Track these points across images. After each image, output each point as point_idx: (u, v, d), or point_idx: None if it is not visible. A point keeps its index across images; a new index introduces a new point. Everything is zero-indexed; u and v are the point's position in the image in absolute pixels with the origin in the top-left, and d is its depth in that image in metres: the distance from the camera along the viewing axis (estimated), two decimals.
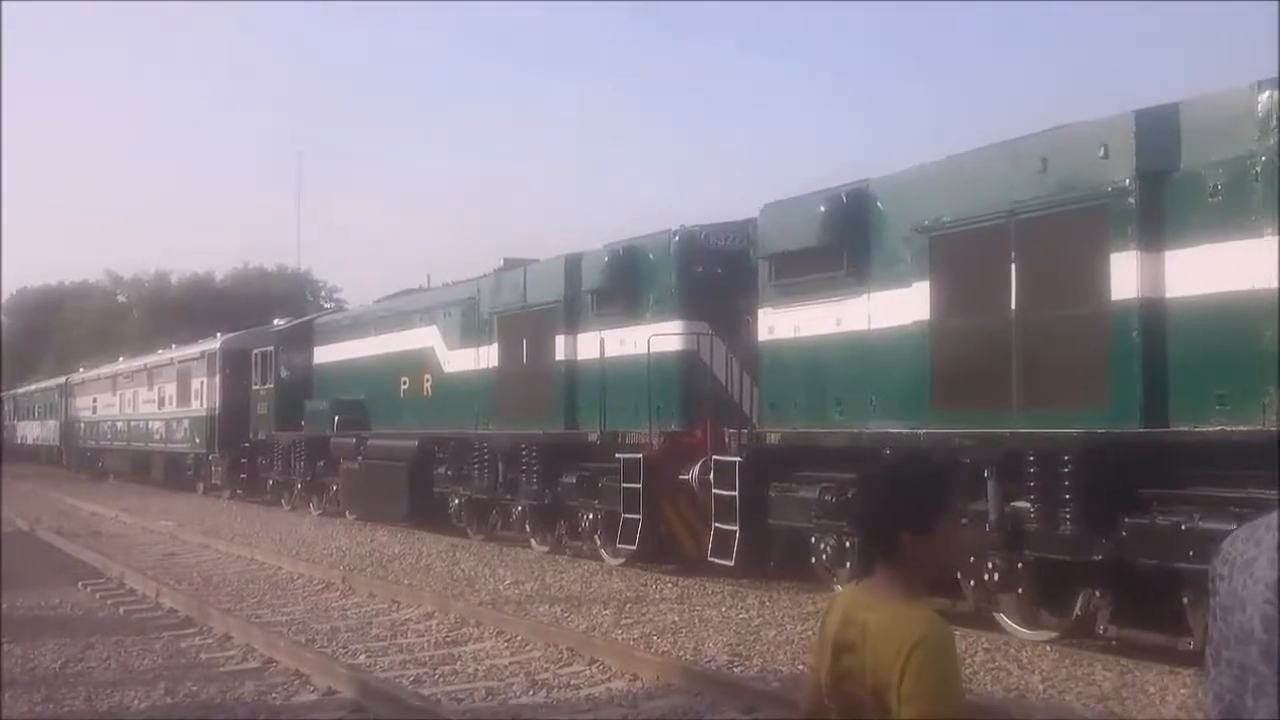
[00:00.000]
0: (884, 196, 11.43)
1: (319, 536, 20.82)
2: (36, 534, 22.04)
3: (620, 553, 15.35)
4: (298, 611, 12.53)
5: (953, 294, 10.47)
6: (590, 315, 16.17)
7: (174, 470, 35.26)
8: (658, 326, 14.60)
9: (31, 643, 10.62)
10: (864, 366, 11.48)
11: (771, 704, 7.77)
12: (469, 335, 19.52)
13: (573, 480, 16.11)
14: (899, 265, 11.08)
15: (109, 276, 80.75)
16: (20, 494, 32.94)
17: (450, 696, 8.49)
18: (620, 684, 8.76)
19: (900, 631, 2.47)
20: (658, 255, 15.02)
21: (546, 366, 17.03)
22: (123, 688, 8.87)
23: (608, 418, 15.34)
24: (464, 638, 10.73)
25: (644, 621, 11.33)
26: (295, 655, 9.63)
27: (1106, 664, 8.96)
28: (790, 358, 12.45)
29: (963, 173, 10.56)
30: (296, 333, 27.58)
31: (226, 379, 30.16)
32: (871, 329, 11.39)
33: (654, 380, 14.50)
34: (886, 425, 11.07)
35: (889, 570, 2.62)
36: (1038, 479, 9.42)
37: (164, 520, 23.99)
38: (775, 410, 12.61)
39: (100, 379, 45.87)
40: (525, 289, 17.79)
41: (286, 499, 27.46)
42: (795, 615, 11.50)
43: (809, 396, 12.21)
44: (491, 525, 19.17)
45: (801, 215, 12.09)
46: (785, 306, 12.47)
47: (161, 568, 16.54)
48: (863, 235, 11.51)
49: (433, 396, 20.88)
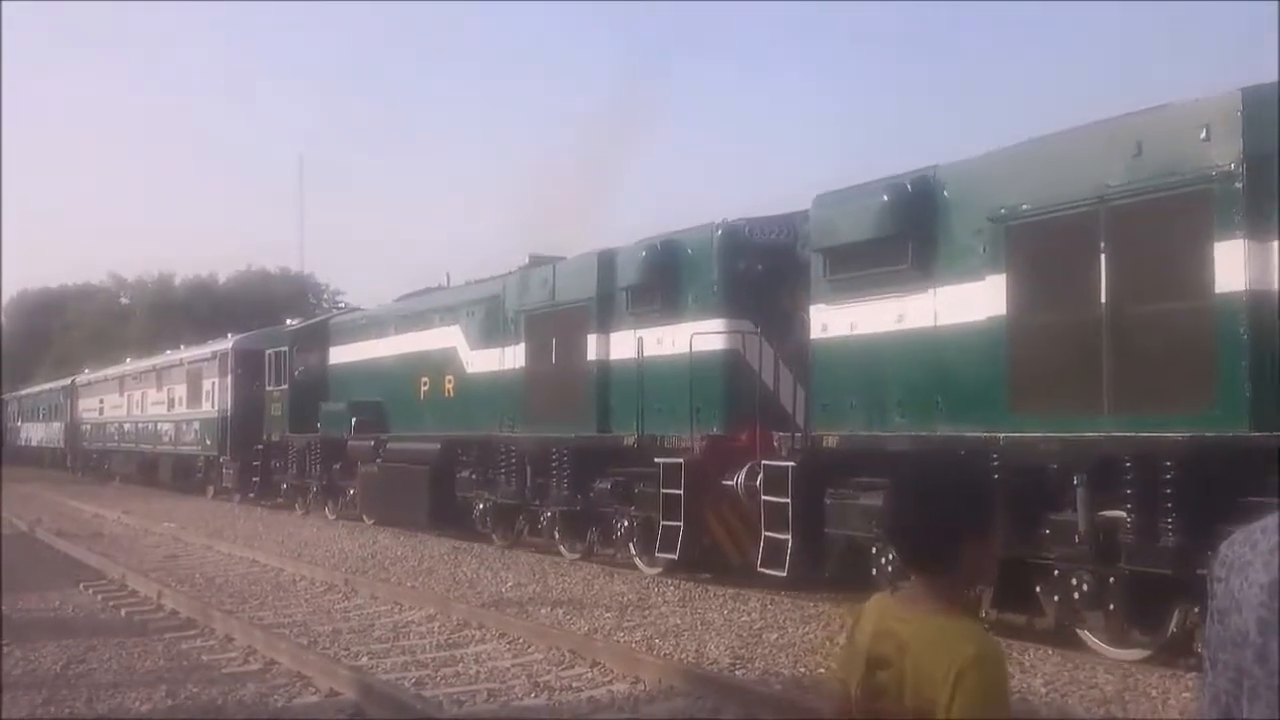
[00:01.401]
0: (952, 184, 10.71)
1: (321, 539, 20.64)
2: (37, 535, 21.85)
3: (657, 561, 14.65)
4: (300, 613, 12.47)
5: (1034, 287, 9.75)
6: (624, 314, 15.46)
7: (183, 473, 34.58)
8: (699, 325, 13.89)
9: (32, 644, 10.56)
10: (929, 366, 10.77)
11: (773, 707, 7.74)
12: (493, 335, 18.83)
13: (607, 486, 15.39)
14: (970, 257, 10.36)
15: (112, 278, 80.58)
16: (22, 495, 32.95)
17: (452, 698, 8.48)
18: (622, 686, 8.75)
19: (949, 648, 2.33)
20: (699, 250, 14.30)
21: (577, 367, 16.33)
22: (124, 689, 8.84)
23: (645, 421, 14.61)
24: (466, 640, 10.70)
25: (646, 624, 11.30)
26: (297, 657, 9.62)
27: (1108, 667, 8.87)
28: (846, 357, 11.73)
29: (1044, 157, 9.84)
30: (311, 332, 26.88)
31: (239, 380, 29.49)
32: (938, 326, 10.68)
33: (695, 381, 13.79)
34: (957, 428, 10.35)
35: (930, 581, 2.49)
36: (1135, 487, 8.69)
37: (166, 522, 23.83)
38: (829, 413, 11.89)
39: (107, 380, 45.20)
40: (554, 287, 17.08)
41: (301, 503, 26.75)
42: (797, 618, 11.44)
43: (867, 398, 11.49)
44: (518, 531, 18.46)
45: (860, 205, 11.38)
46: (840, 302, 11.75)
47: (163, 569, 16.43)
48: (928, 226, 10.79)
49: (455, 398, 20.18)
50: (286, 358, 26.41)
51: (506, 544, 18.52)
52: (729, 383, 13.76)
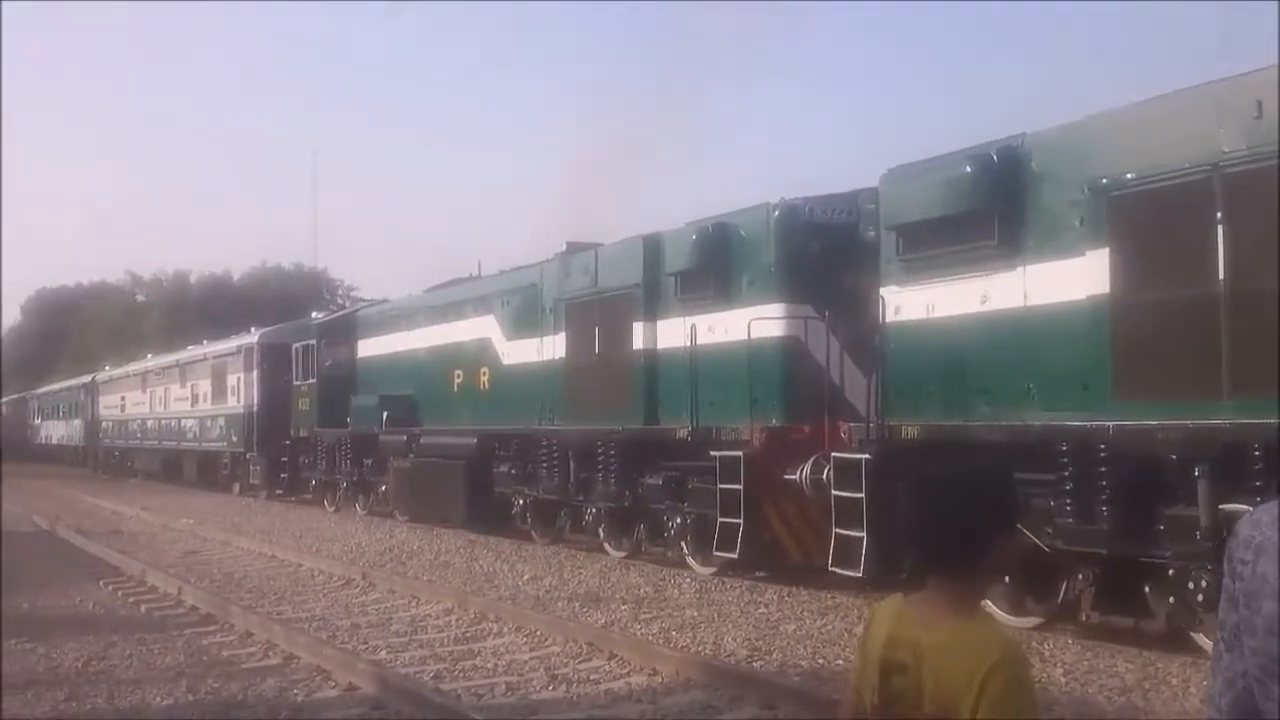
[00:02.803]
0: (1042, 153, 9.94)
1: (339, 533, 20.52)
2: (57, 533, 21.74)
3: (712, 560, 13.93)
4: (318, 608, 12.51)
5: (1141, 262, 8.98)
6: (673, 300, 14.72)
7: (208, 470, 34.03)
8: (755, 310, 13.14)
9: (54, 641, 10.54)
10: (1018, 350, 10.01)
11: (791, 699, 7.70)
12: (531, 325, 18.12)
13: (658, 481, 14.66)
14: (1065, 232, 9.60)
15: (128, 276, 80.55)
16: (41, 493, 33.28)
17: (470, 692, 8.45)
18: (639, 679, 8.74)
19: (972, 653, 2.28)
20: (754, 232, 13.55)
21: (622, 356, 15.60)
22: (145, 685, 8.84)
23: (699, 412, 13.87)
24: (483, 633, 10.72)
25: (663, 616, 11.27)
26: (316, 651, 9.64)
27: (1128, 656, 8.83)
28: (922, 342, 10.98)
29: (1150, 122, 9.07)
30: (339, 325, 26.24)
31: (265, 374, 28.88)
32: (1029, 306, 9.91)
33: (753, 370, 13.05)
34: (1052, 417, 9.60)
35: (950, 583, 2.41)
36: (1262, 478, 7.94)
37: (185, 518, 23.77)
38: (903, 401, 11.14)
39: (129, 376, 44.64)
40: (597, 273, 16.35)
41: (330, 499, 26.13)
42: (815, 610, 11.41)
43: (946, 385, 10.74)
44: (559, 528, 17.78)
45: (940, 179, 10.62)
46: (916, 283, 11.00)
47: (183, 565, 16.45)
48: (1016, 199, 10.03)
49: (490, 390, 19.48)
50: (314, 351, 25.76)
51: (547, 541, 17.85)
52: (789, 371, 13.02)
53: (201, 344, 37.12)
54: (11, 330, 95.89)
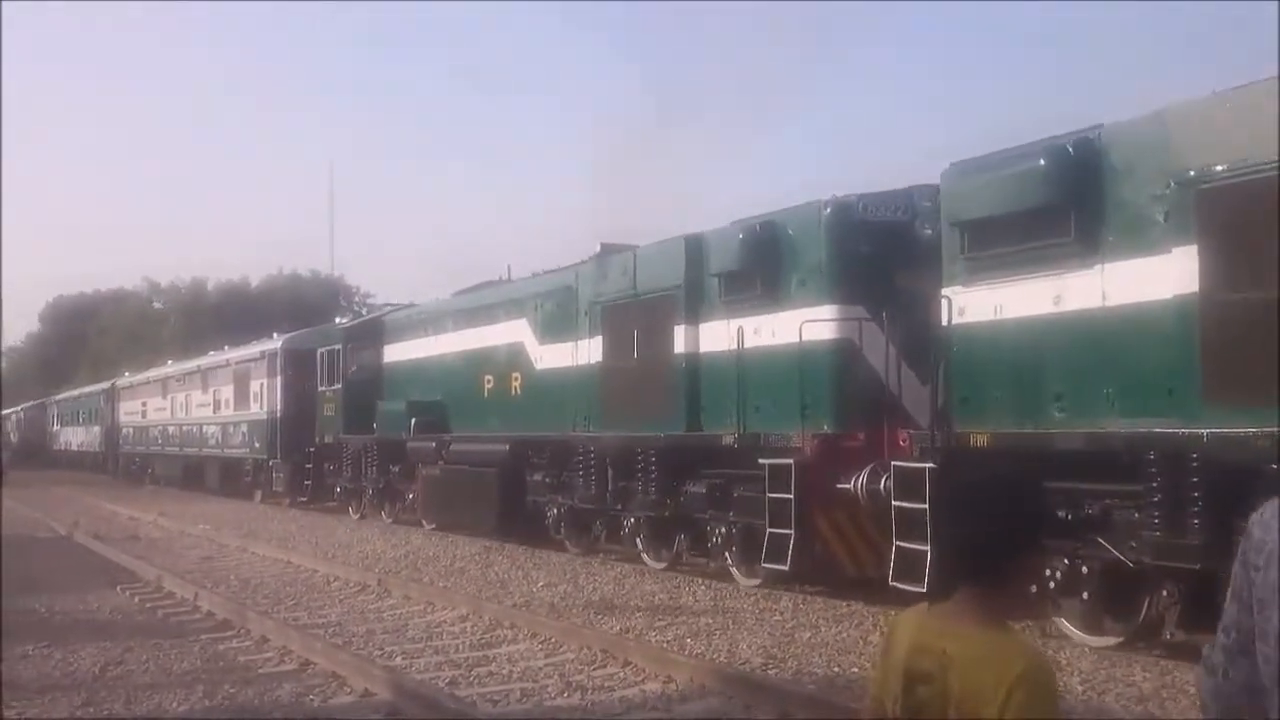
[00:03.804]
0: (1121, 145, 9.40)
1: (355, 540, 20.58)
2: (75, 538, 21.79)
3: (757, 572, 13.42)
4: (334, 614, 12.58)
5: (1234, 260, 8.44)
6: (716, 302, 14.21)
7: (230, 477, 33.62)
8: (805, 312, 12.62)
9: (71, 646, 10.58)
10: (1096, 353, 9.47)
11: (806, 707, 7.67)
12: (565, 328, 17.64)
13: (701, 489, 14.14)
14: (1149, 227, 9.06)
15: (146, 283, 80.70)
16: (59, 499, 33.62)
17: (485, 698, 8.50)
18: (654, 686, 8.75)
19: (998, 664, 2.29)
20: (803, 230, 13.02)
21: (662, 361, 15.09)
22: (161, 690, 8.90)
23: (746, 418, 13.36)
24: (498, 640, 10.76)
25: (677, 624, 11.27)
26: (332, 657, 9.68)
27: (1146, 665, 8.80)
28: (990, 345, 10.44)
29: (1239, 110, 8.53)
30: (365, 330, 25.79)
31: (289, 380, 28.49)
32: (1108, 306, 9.37)
33: (804, 374, 12.54)
34: (1134, 423, 9.06)
35: (977, 594, 2.40)
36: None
37: (201, 524, 23.91)
38: (969, 407, 10.60)
39: (150, 382, 44.32)
40: (635, 275, 15.85)
41: (355, 507, 25.68)
42: (830, 617, 11.39)
43: (1016, 391, 10.20)
44: (594, 538, 17.27)
45: (1010, 173, 10.09)
46: (983, 283, 10.47)
47: (199, 571, 16.55)
48: (1094, 193, 9.49)
49: (522, 396, 19.01)
50: (339, 356, 25.33)
51: (581, 551, 17.37)
52: (841, 375, 12.48)
53: (223, 349, 36.76)
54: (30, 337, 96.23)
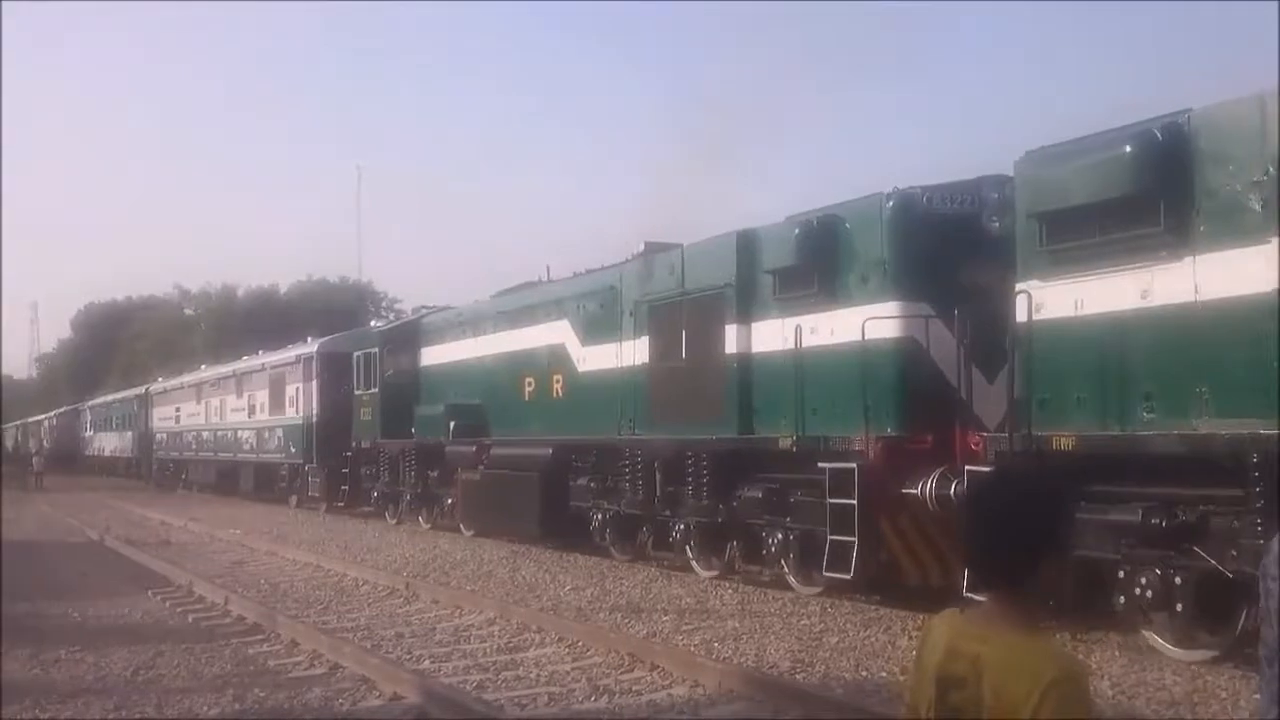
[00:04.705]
0: (1212, 131, 8.85)
1: (383, 544, 20.63)
2: (106, 543, 21.90)
3: (816, 580, 12.92)
4: (363, 618, 12.61)
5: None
6: (770, 300, 13.72)
7: (265, 482, 33.34)
8: (866, 310, 12.11)
9: (103, 651, 10.65)
10: (1188, 350, 8.92)
11: (834, 712, 7.62)
12: (608, 329, 17.19)
13: (757, 494, 13.63)
14: (1244, 217, 8.51)
15: (176, 290, 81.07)
16: (91, 505, 34.02)
17: (513, 702, 8.50)
18: (681, 690, 8.71)
19: (1031, 668, 2.29)
20: (864, 224, 12.52)
21: (713, 361, 14.61)
22: (192, 694, 8.93)
23: (806, 421, 12.86)
24: (526, 643, 10.75)
25: (705, 628, 11.24)
26: (361, 661, 9.71)
27: (1176, 669, 8.72)
28: (1071, 342, 9.90)
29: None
30: (402, 333, 25.43)
31: (324, 384, 28.16)
32: (1200, 301, 8.82)
33: (867, 374, 12.04)
34: (1231, 424, 8.51)
35: (1006, 598, 2.42)
36: None
37: (231, 529, 24.02)
38: (1048, 409, 10.06)
39: (184, 387, 44.16)
40: (683, 273, 15.39)
41: (392, 512, 25.31)
42: (858, 621, 11.34)
43: (1101, 390, 9.66)
44: (640, 545, 16.79)
45: (1094, 161, 9.56)
46: (1062, 277, 9.93)
47: (229, 575, 16.60)
48: (1184, 181, 8.95)
49: (564, 398, 18.57)
50: (376, 360, 24.97)
51: (627, 558, 16.90)
52: (905, 375, 11.98)
53: (257, 354, 36.50)
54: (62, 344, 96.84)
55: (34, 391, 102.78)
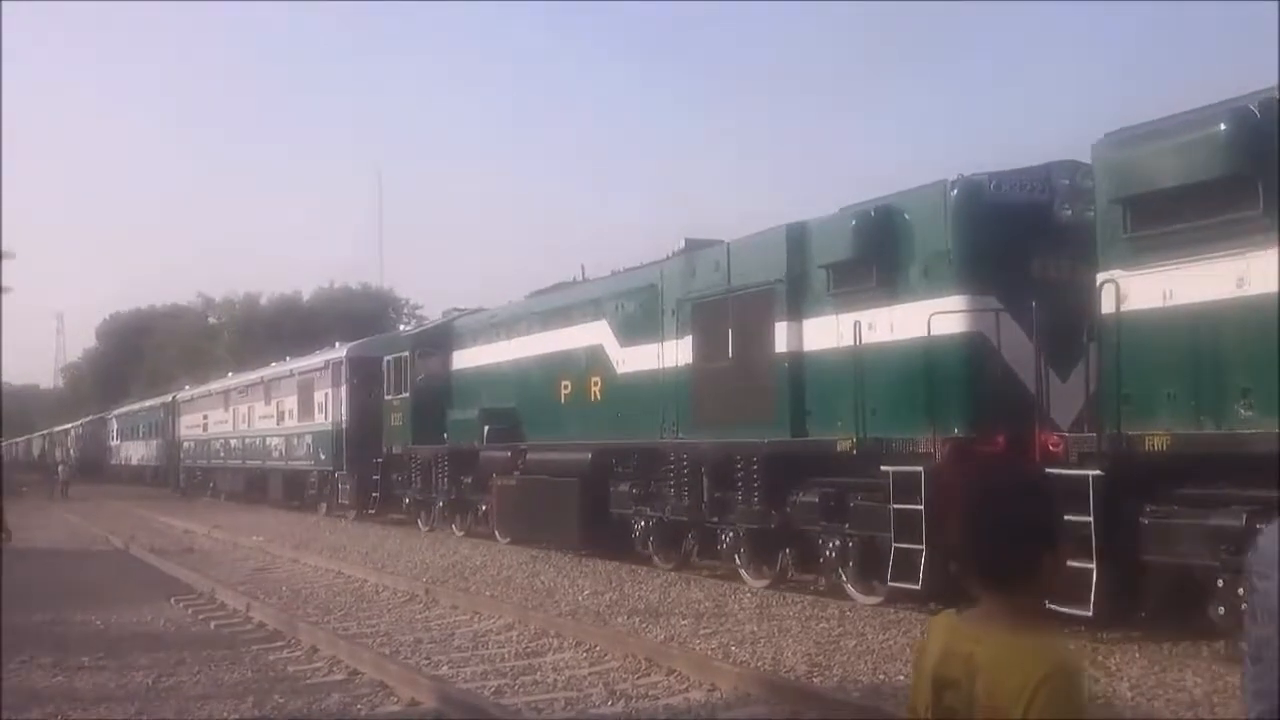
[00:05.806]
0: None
1: (404, 550, 20.63)
2: (131, 551, 22.02)
3: (876, 590, 12.32)
4: (382, 624, 12.65)
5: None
6: (824, 296, 13.11)
7: (294, 489, 32.90)
8: (930, 304, 11.51)
9: (125, 658, 10.72)
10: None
11: (851, 715, 7.63)
12: (649, 329, 16.61)
13: (813, 499, 13.02)
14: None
15: (200, 298, 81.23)
16: (116, 513, 34.15)
17: (531, 707, 8.49)
18: (698, 694, 8.72)
19: (1024, 665, 2.26)
20: (925, 215, 11.90)
21: (762, 360, 14.01)
22: (213, 701, 8.94)
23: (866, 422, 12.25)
24: (544, 648, 10.76)
25: (722, 632, 11.22)
26: (380, 667, 9.72)
27: (1197, 669, 8.68)
28: (1158, 335, 9.27)
29: None
30: (433, 336, 24.90)
31: (354, 389, 27.70)
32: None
33: (932, 372, 11.42)
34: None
35: (1000, 597, 2.39)
36: None
37: (254, 536, 24.08)
38: (1134, 406, 9.43)
39: (211, 395, 43.82)
40: (729, 269, 14.80)
41: (424, 519, 24.79)
42: (876, 625, 11.29)
43: (1193, 386, 9.03)
44: (685, 553, 16.20)
45: (1182, 141, 8.94)
46: (1148, 266, 9.30)
47: (251, 582, 16.65)
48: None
49: (603, 401, 17.99)
50: (407, 364, 24.46)
51: (671, 567, 16.31)
52: (974, 372, 11.35)
53: (285, 360, 36.07)
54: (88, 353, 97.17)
55: (60, 401, 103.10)
